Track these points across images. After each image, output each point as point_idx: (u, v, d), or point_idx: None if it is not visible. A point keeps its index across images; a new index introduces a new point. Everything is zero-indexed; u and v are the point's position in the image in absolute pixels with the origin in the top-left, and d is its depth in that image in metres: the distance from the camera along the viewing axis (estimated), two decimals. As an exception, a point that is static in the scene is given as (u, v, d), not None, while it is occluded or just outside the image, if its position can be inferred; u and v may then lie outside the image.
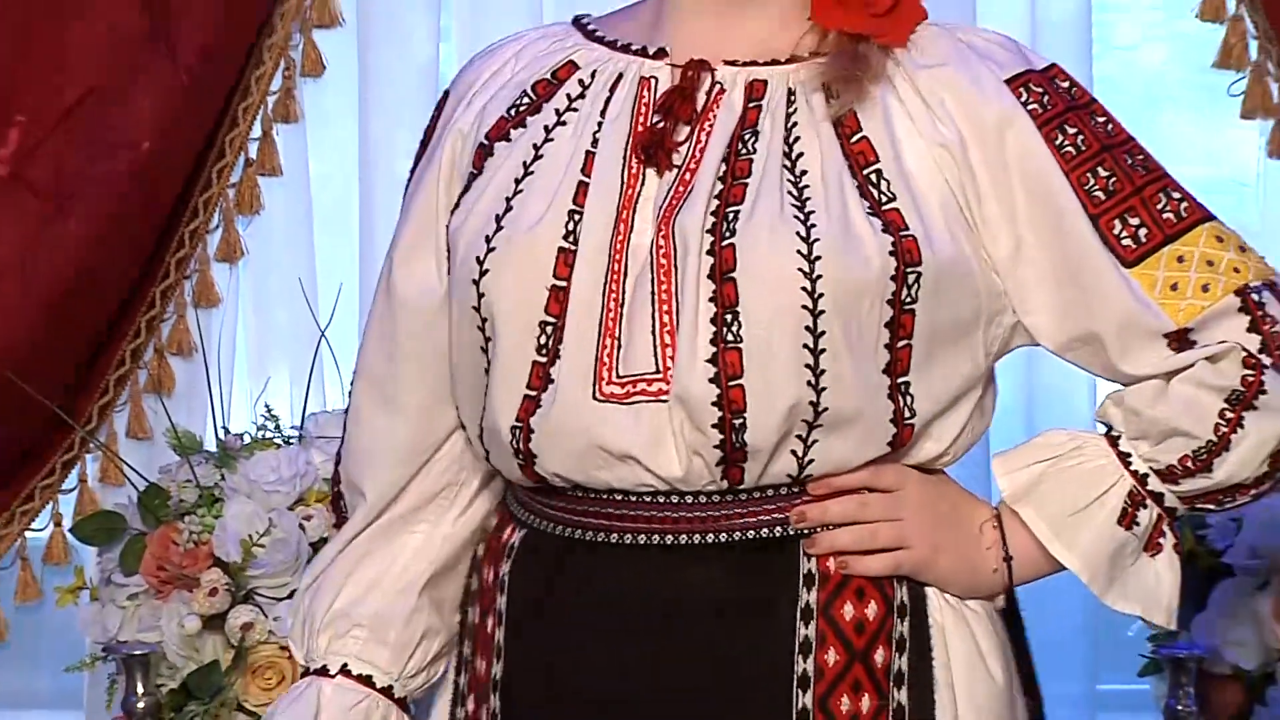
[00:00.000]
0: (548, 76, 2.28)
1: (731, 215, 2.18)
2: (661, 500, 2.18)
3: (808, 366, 2.15)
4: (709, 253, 2.16)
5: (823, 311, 2.13)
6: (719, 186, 2.18)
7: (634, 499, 2.19)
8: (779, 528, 2.19)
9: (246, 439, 3.20)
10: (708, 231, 2.16)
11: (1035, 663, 2.97)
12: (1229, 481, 2.26)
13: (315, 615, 2.33)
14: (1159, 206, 2.24)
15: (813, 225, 2.15)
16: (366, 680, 2.30)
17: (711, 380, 2.14)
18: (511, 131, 2.25)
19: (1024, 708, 2.31)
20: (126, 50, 3.21)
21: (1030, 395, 3.54)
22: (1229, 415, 2.24)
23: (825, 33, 2.23)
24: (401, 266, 2.32)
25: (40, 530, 3.37)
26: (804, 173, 2.18)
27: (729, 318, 2.15)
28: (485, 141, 2.26)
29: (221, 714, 3.06)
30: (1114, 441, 2.26)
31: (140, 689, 3.03)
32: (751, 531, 2.19)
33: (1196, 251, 2.23)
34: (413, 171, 2.40)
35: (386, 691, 2.32)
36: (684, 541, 2.18)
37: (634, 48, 2.27)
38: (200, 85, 3.24)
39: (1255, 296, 2.23)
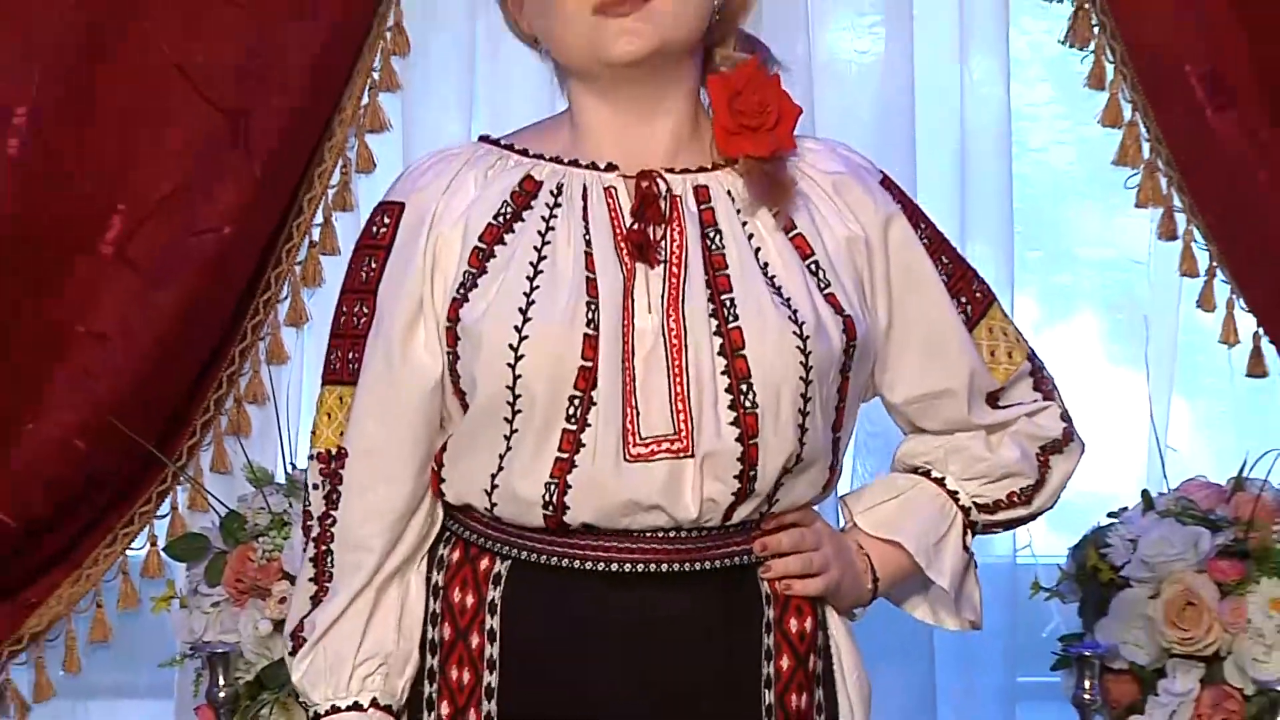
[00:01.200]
0: (516, 188, 2.32)
1: (728, 302, 2.27)
2: (661, 535, 2.27)
3: (799, 425, 2.27)
4: (716, 334, 2.26)
5: (811, 381, 2.26)
6: (706, 277, 2.28)
7: (634, 534, 2.27)
8: (744, 556, 2.29)
9: (310, 473, 3.36)
10: (711, 316, 2.26)
11: (966, 657, 3.41)
12: (1036, 510, 2.47)
13: (344, 660, 2.35)
14: (973, 287, 2.42)
15: (795, 310, 2.27)
16: (387, 709, 2.35)
17: (737, 439, 2.24)
18: (505, 236, 2.30)
19: None
20: (211, 152, 3.32)
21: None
22: (1042, 459, 2.44)
23: None
24: (400, 358, 2.34)
25: (139, 549, 3.45)
26: (767, 264, 2.29)
27: (744, 387, 2.25)
28: (481, 245, 2.29)
29: (289, 703, 3.18)
30: (939, 481, 2.44)
31: (221, 681, 3.19)
32: (727, 560, 2.29)
33: (997, 325, 2.43)
34: (363, 268, 2.39)
35: (397, 714, 2.37)
36: (676, 569, 2.27)
37: (582, 162, 2.33)
38: (272, 180, 3.35)
39: (1037, 362, 2.46)
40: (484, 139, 2.38)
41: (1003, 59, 3.46)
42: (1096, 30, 3.37)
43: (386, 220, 2.33)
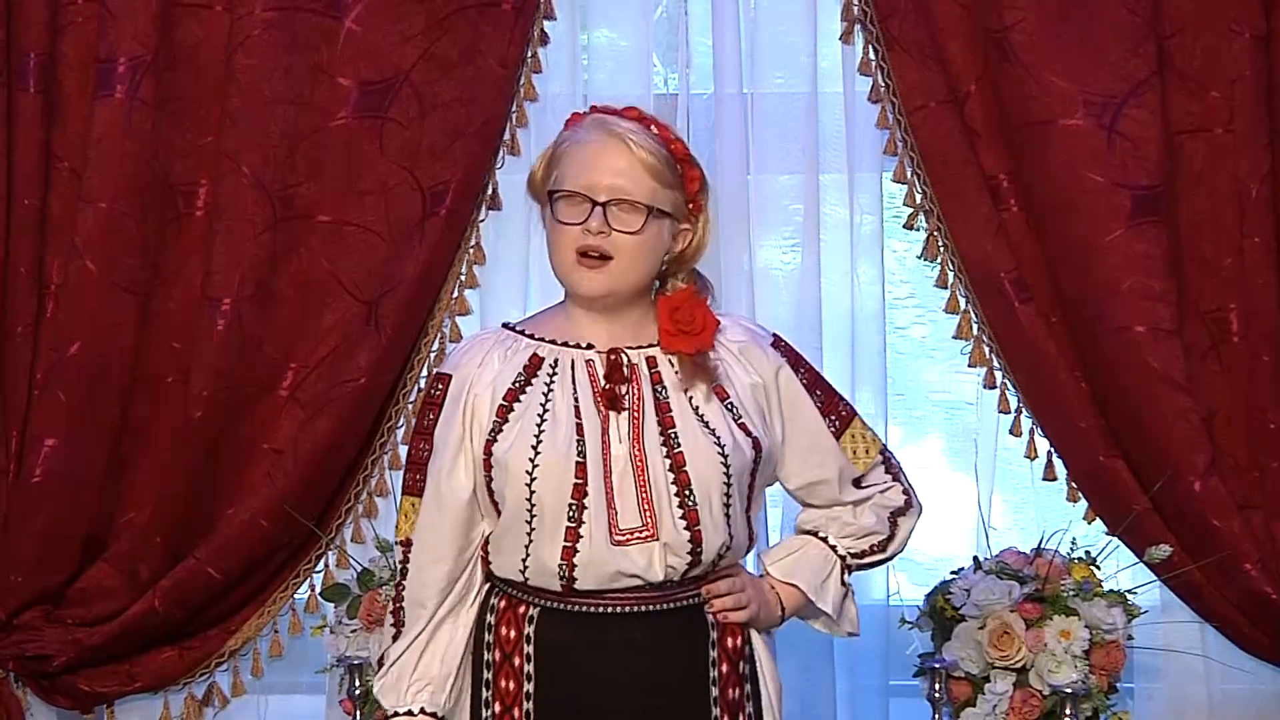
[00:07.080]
0: (527, 363, 2.50)
1: (673, 435, 2.48)
2: (638, 589, 2.52)
3: (725, 515, 2.51)
4: (667, 457, 2.48)
5: (731, 483, 2.50)
6: (657, 419, 2.49)
7: (620, 591, 2.51)
8: (696, 598, 2.56)
9: (417, 545, 3.20)
10: (662, 445, 2.49)
11: (857, 667, 3.56)
12: (890, 555, 2.68)
13: (404, 679, 2.55)
14: (839, 408, 2.63)
15: (718, 437, 2.49)
16: (433, 715, 2.57)
17: (685, 529, 2.49)
18: (520, 395, 2.50)
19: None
20: (353, 328, 3.58)
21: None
22: (891, 520, 2.67)
23: None
24: (447, 479, 2.52)
25: (303, 594, 3.69)
26: (698, 407, 2.52)
27: (687, 493, 2.48)
28: (505, 403, 2.50)
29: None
30: (823, 540, 2.65)
31: (357, 683, 3.42)
32: (684, 601, 2.55)
33: (858, 432, 2.64)
34: (425, 418, 2.53)
35: (443, 719, 2.58)
36: (650, 609, 2.52)
37: (571, 344, 2.49)
38: (393, 347, 3.58)
39: (887, 454, 2.69)
40: (505, 326, 2.57)
41: (879, 267, 3.65)
42: (942, 249, 3.58)
43: (440, 386, 2.56)
